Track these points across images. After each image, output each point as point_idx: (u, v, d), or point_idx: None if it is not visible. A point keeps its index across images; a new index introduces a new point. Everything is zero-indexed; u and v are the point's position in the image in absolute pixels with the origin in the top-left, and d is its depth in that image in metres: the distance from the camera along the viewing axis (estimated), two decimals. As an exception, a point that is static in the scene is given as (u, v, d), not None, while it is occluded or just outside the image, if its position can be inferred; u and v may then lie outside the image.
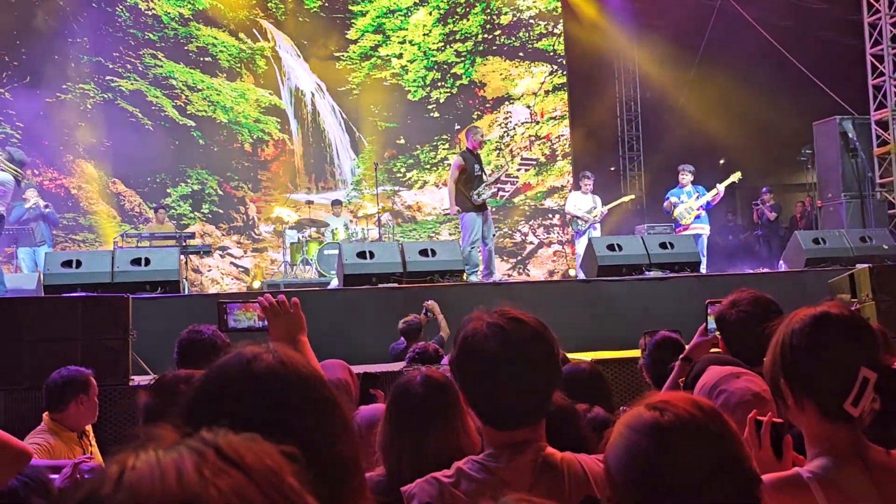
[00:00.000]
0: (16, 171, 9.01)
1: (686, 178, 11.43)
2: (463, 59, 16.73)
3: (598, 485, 1.75)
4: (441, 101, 16.54)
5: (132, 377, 5.81)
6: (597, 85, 16.73)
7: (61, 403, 4.15)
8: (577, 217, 11.94)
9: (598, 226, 11.92)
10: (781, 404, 1.82)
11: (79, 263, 8.18)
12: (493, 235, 10.84)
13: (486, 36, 16.85)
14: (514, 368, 1.80)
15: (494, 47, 16.94)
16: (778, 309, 2.87)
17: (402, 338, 6.47)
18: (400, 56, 16.47)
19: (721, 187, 11.22)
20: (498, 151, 16.78)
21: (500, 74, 16.96)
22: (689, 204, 11.27)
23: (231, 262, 15.02)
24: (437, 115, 16.51)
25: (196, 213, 14.93)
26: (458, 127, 16.36)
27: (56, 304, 6.33)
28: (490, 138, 16.44)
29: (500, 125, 16.87)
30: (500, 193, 16.36)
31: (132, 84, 14.97)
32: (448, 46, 16.70)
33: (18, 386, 5.25)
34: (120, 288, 7.52)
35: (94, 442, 4.41)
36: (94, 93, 14.60)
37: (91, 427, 4.41)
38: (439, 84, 16.54)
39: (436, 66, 16.58)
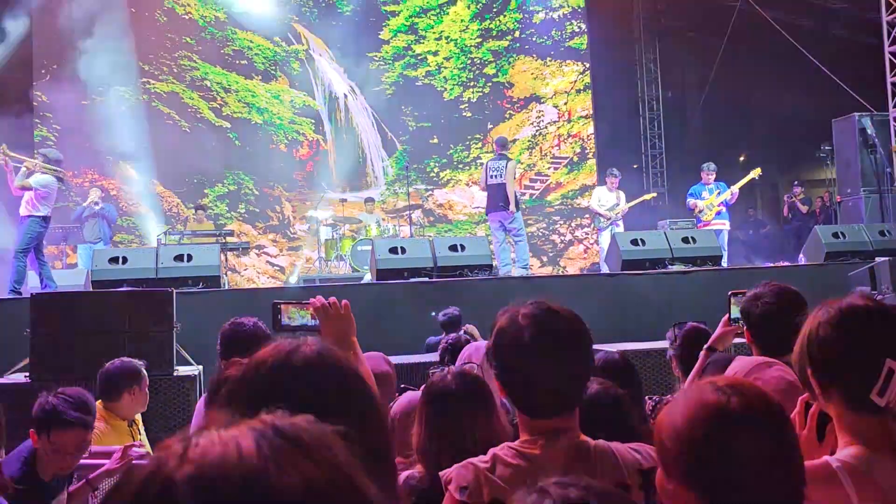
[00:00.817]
0: (55, 170, 9.15)
1: (709, 176, 11.41)
2: (498, 57, 16.62)
3: (630, 473, 1.79)
4: (473, 100, 16.45)
5: (176, 367, 5.87)
6: (620, 84, 16.64)
7: (115, 393, 4.15)
8: (600, 214, 12.03)
9: (620, 222, 11.91)
10: (811, 394, 1.82)
11: (125, 260, 8.35)
12: None
13: (521, 35, 16.71)
14: (549, 358, 1.79)
15: (528, 45, 16.78)
16: (802, 301, 2.84)
17: (443, 330, 6.41)
18: (436, 53, 16.38)
19: (736, 188, 11.21)
20: (530, 150, 16.65)
21: (532, 74, 16.80)
22: (711, 200, 11.24)
23: (267, 261, 15.06)
24: (469, 114, 16.42)
25: (233, 212, 15.02)
26: (491, 126, 16.33)
27: (105, 298, 6.42)
28: (521, 137, 16.41)
29: (532, 124, 16.72)
30: (531, 192, 16.37)
31: (168, 86, 15.06)
32: (484, 42, 16.60)
33: (71, 375, 5.28)
34: (164, 283, 7.65)
35: (142, 430, 4.46)
36: (129, 94, 14.67)
37: (139, 415, 4.45)
38: (471, 84, 16.45)
39: (470, 64, 16.47)
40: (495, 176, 10.39)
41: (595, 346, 4.30)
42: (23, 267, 8.85)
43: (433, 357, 5.42)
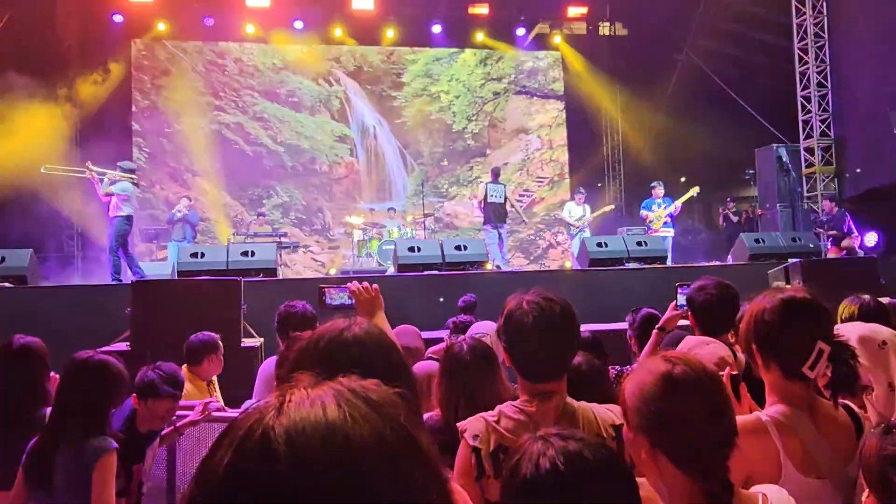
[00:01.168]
0: (130, 177, 9.17)
1: (658, 191, 11.41)
2: (497, 96, 16.57)
3: (605, 427, 1.80)
4: (475, 131, 16.39)
5: (243, 339, 5.91)
6: (587, 120, 16.65)
7: (197, 359, 4.19)
8: (570, 224, 12.17)
9: (587, 228, 11.93)
10: (753, 363, 1.83)
11: (203, 255, 8.36)
12: None
13: (514, 78, 16.67)
14: (545, 335, 1.81)
15: (519, 87, 16.73)
16: (736, 293, 2.86)
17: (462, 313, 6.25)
18: (447, 92, 16.34)
19: (679, 202, 11.22)
20: (520, 172, 16.57)
21: (521, 110, 16.71)
22: (659, 213, 11.24)
23: (311, 258, 15.01)
24: (472, 142, 16.35)
25: (285, 218, 14.96)
26: (489, 152, 16.32)
27: (189, 285, 6.46)
28: (513, 161, 16.40)
29: (521, 150, 16.64)
30: (519, 205, 16.34)
31: (234, 117, 15.08)
32: (486, 83, 16.56)
33: (161, 345, 5.30)
34: (233, 273, 7.62)
35: (217, 389, 4.49)
36: (202, 124, 14.72)
37: (216, 378, 4.48)
38: (474, 118, 16.41)
39: (474, 102, 16.43)
40: (495, 195, 10.81)
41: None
42: (118, 261, 8.86)
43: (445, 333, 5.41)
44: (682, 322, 3.34)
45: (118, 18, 13.91)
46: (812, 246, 9.58)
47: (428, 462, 0.67)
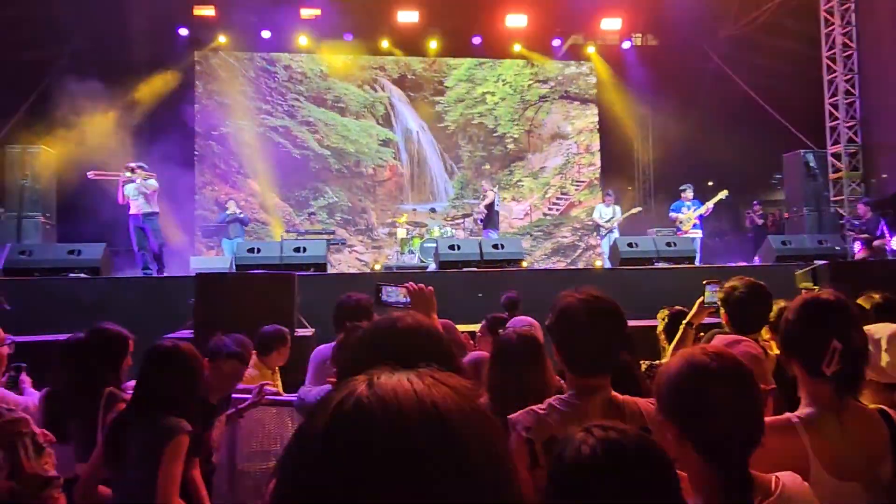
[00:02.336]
0: (153, 174, 9.42)
1: (687, 193, 11.27)
2: (543, 101, 16.37)
3: (651, 421, 1.76)
4: (516, 136, 16.24)
5: (297, 329, 5.97)
6: (619, 126, 16.46)
7: (268, 350, 4.23)
8: (599, 224, 12.16)
9: (616, 230, 11.87)
10: (785, 363, 1.79)
11: (259, 250, 8.48)
12: None
13: (560, 79, 16.45)
14: (594, 332, 1.79)
15: (564, 91, 16.51)
16: (768, 293, 2.82)
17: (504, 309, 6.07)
18: (493, 94, 16.16)
19: (710, 204, 11.07)
20: (559, 176, 16.34)
21: (561, 115, 16.47)
22: (689, 215, 11.10)
23: (356, 257, 15.05)
24: (513, 147, 16.22)
25: (331, 219, 15.01)
26: (531, 156, 16.19)
27: (248, 278, 6.57)
28: (552, 165, 16.27)
29: (561, 154, 16.42)
30: (556, 208, 16.21)
31: (282, 122, 15.18)
32: (533, 85, 16.34)
33: (223, 332, 5.35)
34: (286, 268, 7.75)
35: (278, 375, 4.56)
36: (252, 128, 14.84)
37: (279, 368, 4.52)
38: (516, 122, 16.25)
39: (519, 105, 16.22)
40: (498, 205, 11.92)
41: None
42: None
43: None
44: (708, 319, 3.31)
45: (183, 31, 14.25)
46: (838, 248, 9.34)
47: (502, 438, 0.70)
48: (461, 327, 5.61)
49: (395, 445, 0.62)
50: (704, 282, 3.34)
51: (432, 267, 10.03)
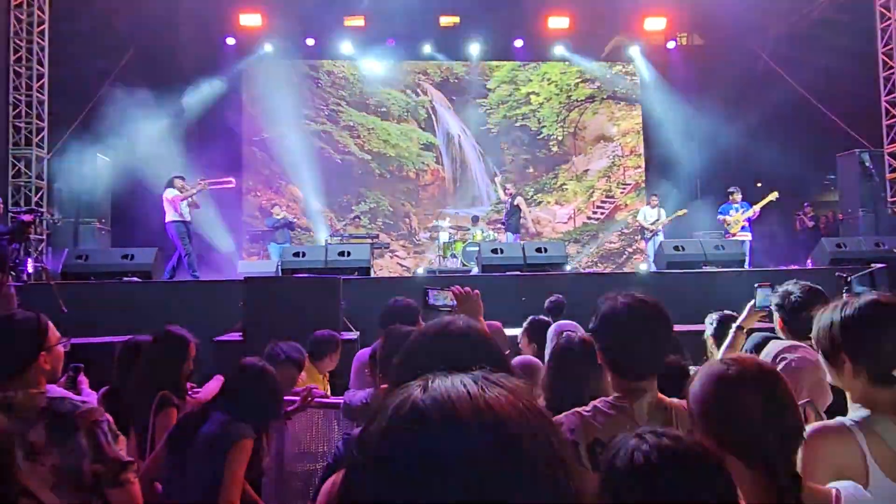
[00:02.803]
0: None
1: (736, 196, 11.04)
2: (591, 102, 16.18)
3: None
4: (560, 138, 16.12)
5: (343, 332, 6.02)
6: (665, 126, 16.19)
7: (320, 354, 4.28)
8: (644, 227, 12.03)
9: (661, 232, 11.70)
10: (837, 370, 1.73)
11: (304, 254, 8.58)
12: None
13: (608, 78, 16.25)
14: (641, 333, 1.79)
15: (611, 91, 16.32)
16: (825, 297, 2.73)
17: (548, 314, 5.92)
18: (538, 94, 16.04)
19: (758, 207, 10.88)
20: (605, 178, 16.18)
21: (606, 116, 16.28)
22: (737, 217, 10.87)
23: (397, 263, 15.14)
24: (556, 149, 16.09)
25: (373, 223, 15.07)
26: (575, 159, 16.06)
27: (295, 281, 6.67)
28: (597, 168, 16.11)
29: (607, 157, 16.23)
30: (601, 211, 16.01)
31: (325, 127, 15.32)
32: (579, 86, 16.18)
33: (271, 334, 5.41)
34: (331, 271, 7.86)
35: (327, 379, 4.59)
36: (296, 134, 14.90)
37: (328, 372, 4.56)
38: (561, 123, 16.09)
39: (564, 105, 16.06)
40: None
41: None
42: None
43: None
44: (758, 324, 3.24)
45: (230, 41, 14.60)
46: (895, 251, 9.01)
47: (560, 437, 0.71)
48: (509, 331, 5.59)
49: (451, 447, 0.64)
50: (756, 284, 3.28)
51: (475, 271, 10.04)
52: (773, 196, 10.89)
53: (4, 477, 1.64)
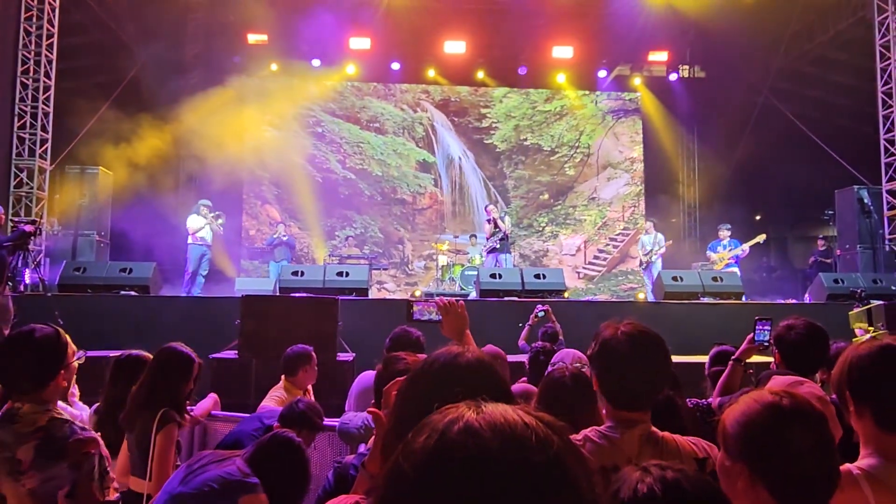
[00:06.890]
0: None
1: (724, 234, 11.13)
2: (593, 128, 15.91)
3: (686, 460, 1.71)
4: (565, 165, 15.77)
5: (339, 353, 6.05)
6: (665, 157, 16.31)
7: (293, 370, 4.27)
8: (640, 258, 12.05)
9: (659, 260, 11.69)
10: (844, 410, 1.70)
11: (302, 273, 8.59)
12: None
13: (610, 106, 16.11)
14: (637, 365, 1.76)
15: (616, 119, 16.12)
16: (825, 333, 2.72)
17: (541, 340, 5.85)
18: (537, 119, 15.70)
19: (746, 247, 10.96)
20: (611, 206, 15.84)
21: (611, 143, 15.90)
22: (723, 255, 10.98)
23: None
24: (572, 172, 15.80)
25: (360, 250, 14.12)
26: (590, 182, 15.75)
27: (292, 301, 6.65)
28: (610, 197, 15.88)
29: (612, 185, 15.84)
30: (614, 244, 15.70)
31: (320, 149, 14.93)
32: (594, 104, 15.97)
33: (267, 355, 5.42)
34: (329, 291, 7.83)
35: (312, 397, 4.56)
36: (293, 153, 14.56)
37: (311, 387, 4.55)
38: (572, 149, 15.80)
39: (570, 131, 15.76)
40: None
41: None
42: None
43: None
44: (755, 359, 3.23)
45: (237, 60, 14.67)
46: (894, 288, 9.01)
47: (588, 464, 0.73)
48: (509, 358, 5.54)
49: (509, 469, 0.66)
50: (756, 318, 3.26)
51: (473, 295, 10.02)
52: (761, 238, 11.00)
53: None
